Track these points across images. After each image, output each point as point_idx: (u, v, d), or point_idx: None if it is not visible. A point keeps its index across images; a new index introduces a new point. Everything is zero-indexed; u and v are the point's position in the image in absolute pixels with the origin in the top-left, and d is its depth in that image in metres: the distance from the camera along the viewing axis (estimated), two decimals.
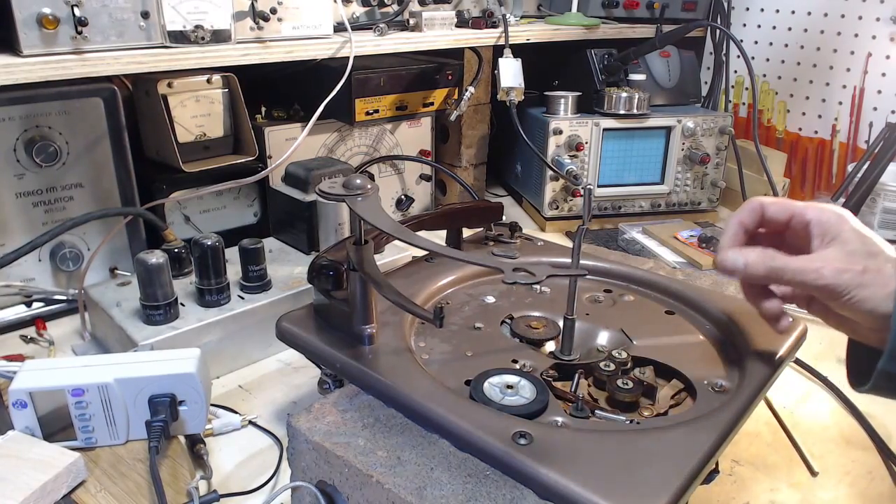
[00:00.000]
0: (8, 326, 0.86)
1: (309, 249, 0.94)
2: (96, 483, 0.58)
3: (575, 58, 1.27)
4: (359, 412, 0.54)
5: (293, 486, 0.55)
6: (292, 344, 0.63)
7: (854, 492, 0.62)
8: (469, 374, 0.57)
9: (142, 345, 0.72)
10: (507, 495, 0.46)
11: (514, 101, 1.14)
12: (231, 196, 1.03)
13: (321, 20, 0.97)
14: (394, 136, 1.20)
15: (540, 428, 0.49)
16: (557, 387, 0.58)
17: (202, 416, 0.63)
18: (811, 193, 1.42)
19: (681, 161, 1.24)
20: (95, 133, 0.87)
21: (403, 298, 0.57)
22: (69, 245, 0.88)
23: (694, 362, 0.60)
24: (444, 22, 1.11)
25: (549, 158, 1.19)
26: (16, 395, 0.59)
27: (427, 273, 0.74)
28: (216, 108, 0.97)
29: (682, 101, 1.33)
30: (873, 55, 1.31)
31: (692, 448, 0.47)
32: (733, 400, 0.54)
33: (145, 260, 0.74)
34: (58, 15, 0.75)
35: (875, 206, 1.10)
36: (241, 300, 0.80)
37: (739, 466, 0.64)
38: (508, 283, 0.50)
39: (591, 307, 0.71)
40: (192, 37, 0.85)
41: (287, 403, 0.74)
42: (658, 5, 1.34)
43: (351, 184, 0.57)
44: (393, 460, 0.49)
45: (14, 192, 0.83)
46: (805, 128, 1.44)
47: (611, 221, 1.25)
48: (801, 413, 0.72)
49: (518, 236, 0.84)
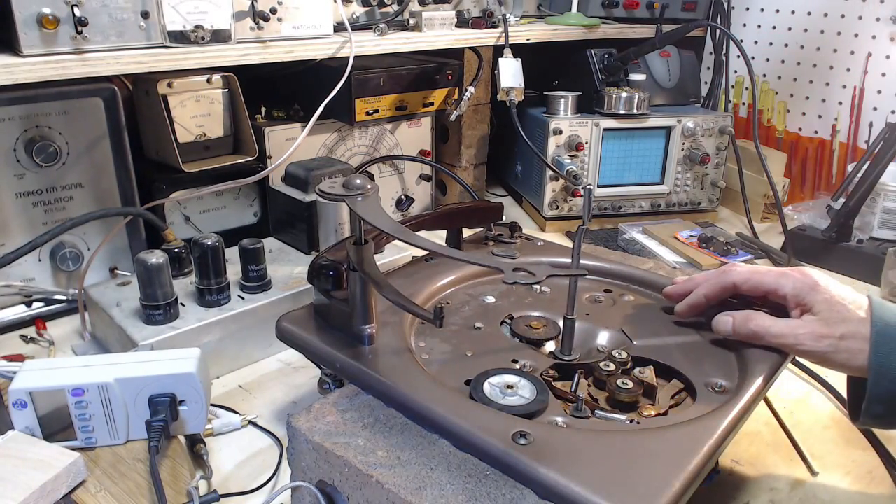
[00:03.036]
0: (8, 326, 0.86)
1: (309, 249, 0.94)
2: (96, 483, 0.58)
3: (575, 58, 1.27)
4: (359, 412, 0.54)
5: (293, 486, 0.55)
6: (292, 344, 0.63)
7: (854, 492, 0.62)
8: (469, 374, 0.57)
9: (142, 345, 0.72)
10: (507, 495, 0.46)
11: (514, 101, 1.14)
12: (231, 196, 1.03)
13: (321, 20, 0.97)
14: (394, 136, 1.20)
15: (540, 428, 0.49)
16: (557, 387, 0.58)
17: (202, 416, 0.63)
18: (811, 193, 1.42)
19: (681, 161, 1.24)
20: (95, 133, 0.87)
21: (403, 298, 0.57)
22: (69, 245, 0.88)
23: (694, 362, 0.60)
24: (444, 22, 1.11)
25: (549, 158, 1.19)
26: (16, 395, 0.59)
27: (427, 273, 0.74)
28: (216, 108, 0.97)
29: (682, 101, 1.33)
30: (873, 55, 1.31)
31: (692, 448, 0.47)
32: (733, 400, 0.53)
33: (145, 260, 0.74)
34: (58, 15, 0.75)
35: (875, 206, 1.10)
36: (241, 300, 0.80)
37: (739, 466, 0.64)
38: (508, 283, 0.50)
39: (591, 307, 0.71)
40: (192, 37, 0.85)
41: (287, 403, 0.74)
42: (658, 5, 1.34)
43: (351, 184, 0.57)
44: (393, 460, 0.49)
45: (14, 192, 0.83)
46: (805, 128, 1.44)
47: (611, 221, 1.25)
48: (801, 413, 0.72)
49: (518, 236, 0.84)
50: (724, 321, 0.62)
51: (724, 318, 0.62)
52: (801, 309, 0.59)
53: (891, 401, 0.54)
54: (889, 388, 0.53)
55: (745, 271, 0.63)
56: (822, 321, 0.57)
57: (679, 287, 0.67)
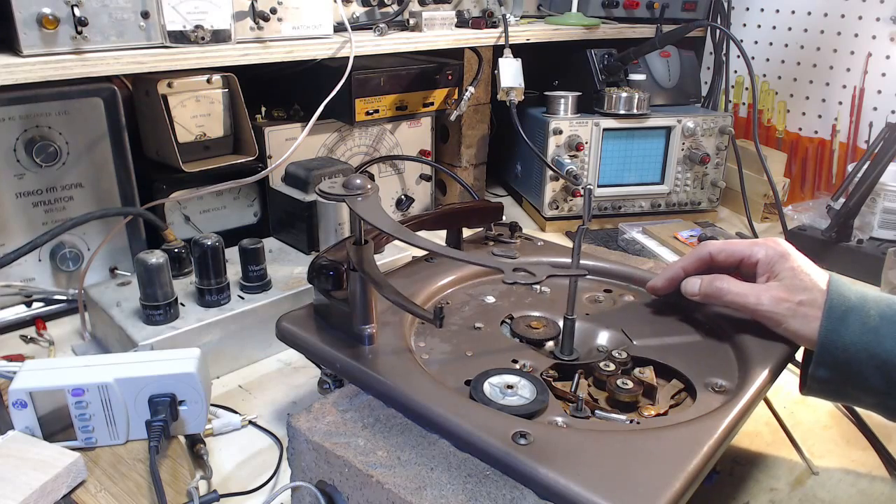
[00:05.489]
0: (8, 326, 0.86)
1: (309, 249, 0.94)
2: (96, 483, 0.58)
3: (575, 58, 1.27)
4: (359, 412, 0.54)
5: (293, 486, 0.55)
6: (292, 344, 0.63)
7: (854, 492, 0.62)
8: (469, 374, 0.57)
9: (142, 345, 0.72)
10: (507, 495, 0.46)
11: (514, 101, 1.14)
12: (231, 196, 1.03)
13: (321, 20, 0.97)
14: (394, 136, 1.20)
15: (540, 428, 0.49)
16: (557, 387, 0.58)
17: (202, 416, 0.63)
18: (811, 193, 1.42)
19: (681, 161, 1.24)
20: (95, 133, 0.87)
21: (403, 298, 0.57)
22: (69, 245, 0.88)
23: (694, 362, 0.60)
24: (444, 22, 1.11)
25: (549, 158, 1.19)
26: (16, 395, 0.59)
27: (427, 273, 0.74)
28: (216, 108, 0.97)
29: (682, 101, 1.33)
30: (873, 55, 1.31)
31: (692, 448, 0.47)
32: (733, 400, 0.53)
33: (145, 260, 0.74)
34: (58, 15, 0.75)
35: (875, 206, 1.10)
36: (241, 300, 0.80)
37: (739, 466, 0.64)
38: (508, 283, 0.50)
39: (591, 307, 0.71)
40: (192, 37, 0.85)
41: (287, 403, 0.74)
42: (658, 5, 1.34)
43: (351, 184, 0.57)
44: (393, 460, 0.49)
45: (14, 192, 0.83)
46: (805, 128, 1.44)
47: (611, 221, 1.25)
48: (801, 413, 0.72)
49: (518, 236, 0.84)
50: (692, 282, 0.66)
51: (693, 280, 0.66)
52: (768, 276, 0.62)
53: (836, 366, 0.56)
54: (835, 354, 0.56)
55: (720, 242, 0.67)
56: (785, 287, 0.60)
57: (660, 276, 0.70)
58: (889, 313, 0.55)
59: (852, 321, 0.56)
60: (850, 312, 0.56)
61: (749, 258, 0.64)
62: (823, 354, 0.56)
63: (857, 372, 0.55)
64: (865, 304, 0.56)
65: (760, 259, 0.63)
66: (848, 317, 0.56)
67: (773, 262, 0.62)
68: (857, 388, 0.56)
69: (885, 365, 0.54)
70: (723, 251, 0.66)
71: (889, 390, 0.55)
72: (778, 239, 0.65)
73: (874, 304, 0.56)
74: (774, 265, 0.62)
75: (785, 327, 0.60)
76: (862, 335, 0.55)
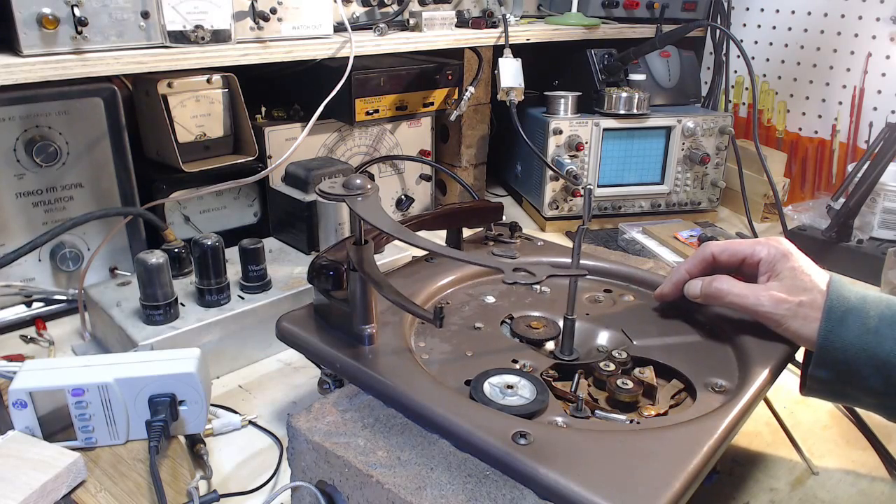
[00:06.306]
0: (8, 326, 0.86)
1: (309, 249, 0.94)
2: (96, 483, 0.58)
3: (575, 58, 1.27)
4: (359, 412, 0.54)
5: (293, 486, 0.55)
6: (292, 344, 0.63)
7: (854, 492, 0.62)
8: (469, 374, 0.57)
9: (142, 345, 0.72)
10: (507, 495, 0.46)
11: (514, 101, 1.14)
12: (231, 196, 1.03)
13: (321, 20, 0.97)
14: (394, 136, 1.20)
15: (540, 428, 0.49)
16: (557, 387, 0.58)
17: (202, 416, 0.63)
18: (811, 193, 1.42)
19: (681, 161, 1.24)
20: (95, 133, 0.87)
21: (403, 298, 0.57)
22: (69, 245, 0.88)
23: (694, 362, 0.60)
24: (444, 22, 1.11)
25: (549, 158, 1.19)
26: (16, 395, 0.59)
27: (427, 273, 0.74)
28: (216, 108, 0.97)
29: (682, 101, 1.33)
30: (873, 55, 1.31)
31: (692, 448, 0.47)
32: (733, 400, 0.54)
33: (145, 260, 0.73)
34: (58, 15, 0.75)
35: (875, 206, 1.10)
36: (241, 300, 0.80)
37: (739, 466, 0.64)
38: (508, 283, 0.50)
39: (591, 307, 0.71)
40: (192, 37, 0.85)
41: (287, 403, 0.74)
42: (658, 5, 1.34)
43: (351, 184, 0.57)
44: (393, 460, 0.49)
45: (14, 192, 0.83)
46: (805, 128, 1.44)
47: (611, 221, 1.25)
48: (801, 413, 0.72)
49: (518, 236, 0.84)
50: (693, 284, 0.66)
51: (694, 282, 0.66)
52: (769, 275, 0.62)
53: (835, 366, 0.56)
54: (834, 355, 0.56)
55: (722, 243, 0.67)
56: (786, 287, 0.60)
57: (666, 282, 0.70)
58: (888, 314, 0.55)
59: (852, 322, 0.56)
60: (849, 314, 0.56)
61: (751, 257, 0.64)
62: (823, 355, 0.56)
63: (857, 373, 0.55)
64: (865, 306, 0.56)
65: (763, 258, 0.63)
66: (847, 318, 0.56)
67: (774, 261, 0.62)
68: (856, 388, 0.56)
69: (885, 366, 0.54)
70: (725, 251, 0.66)
71: (888, 391, 0.55)
72: (780, 238, 0.65)
73: (874, 306, 0.56)
74: (776, 264, 0.62)
75: (785, 328, 0.60)
76: (861, 336, 0.55)
